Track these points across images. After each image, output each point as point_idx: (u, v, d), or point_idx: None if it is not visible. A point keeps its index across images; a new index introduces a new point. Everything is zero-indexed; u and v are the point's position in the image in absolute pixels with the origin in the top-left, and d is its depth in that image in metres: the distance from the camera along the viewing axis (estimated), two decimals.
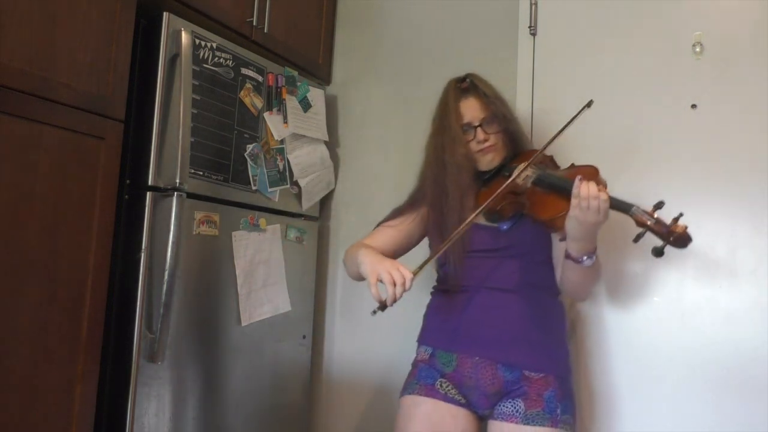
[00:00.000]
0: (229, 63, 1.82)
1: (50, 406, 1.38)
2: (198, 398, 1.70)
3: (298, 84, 2.08)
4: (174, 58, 1.63)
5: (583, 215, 1.26)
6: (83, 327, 1.44)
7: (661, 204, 1.26)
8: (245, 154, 1.87)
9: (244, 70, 1.88)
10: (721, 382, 1.57)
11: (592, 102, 1.42)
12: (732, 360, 1.56)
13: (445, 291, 1.55)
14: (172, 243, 1.55)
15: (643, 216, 1.25)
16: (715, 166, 1.64)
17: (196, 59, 1.71)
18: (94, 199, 1.47)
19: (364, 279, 1.36)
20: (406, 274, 1.27)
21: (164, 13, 1.62)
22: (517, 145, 1.58)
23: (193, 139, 1.68)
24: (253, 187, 1.89)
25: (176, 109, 1.61)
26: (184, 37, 1.63)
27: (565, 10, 1.89)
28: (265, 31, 1.97)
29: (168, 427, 1.61)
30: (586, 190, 1.25)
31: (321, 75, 2.26)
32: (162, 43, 1.61)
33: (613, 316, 1.72)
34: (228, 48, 1.82)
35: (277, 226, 1.97)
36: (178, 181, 1.58)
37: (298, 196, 2.08)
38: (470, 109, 1.52)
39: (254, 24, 1.93)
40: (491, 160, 1.53)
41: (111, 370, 1.53)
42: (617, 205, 1.28)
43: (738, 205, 1.60)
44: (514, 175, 1.43)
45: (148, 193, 1.57)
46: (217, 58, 1.78)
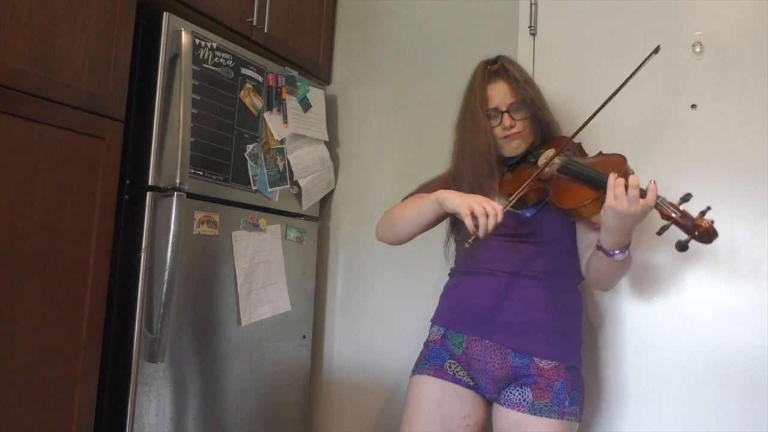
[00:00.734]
0: (229, 63, 1.82)
1: (50, 406, 1.37)
2: (198, 398, 1.70)
3: (298, 84, 2.08)
4: (174, 58, 1.63)
5: (619, 205, 1.21)
6: (83, 327, 1.44)
7: (689, 197, 1.20)
8: (245, 154, 1.87)
9: (244, 70, 1.88)
10: (722, 382, 1.56)
11: (659, 48, 1.37)
12: (732, 360, 1.56)
13: (464, 273, 1.53)
14: (172, 243, 1.55)
15: (669, 208, 1.21)
16: (714, 166, 1.64)
17: (196, 59, 1.71)
18: (94, 199, 1.47)
19: (417, 231, 1.45)
20: (497, 206, 1.26)
21: (164, 13, 1.62)
22: (546, 132, 1.52)
23: (193, 139, 1.68)
24: (253, 187, 1.89)
25: (176, 109, 1.62)
26: (184, 37, 1.63)
27: (565, 10, 1.89)
28: (265, 31, 1.98)
29: (168, 427, 1.61)
30: (618, 178, 1.22)
31: (321, 75, 2.27)
32: (162, 43, 1.61)
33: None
34: (228, 48, 1.82)
35: (277, 226, 1.97)
36: (178, 181, 1.58)
37: (298, 196, 2.08)
38: (499, 94, 1.47)
39: (254, 24, 1.93)
40: (516, 147, 1.49)
41: (111, 370, 1.53)
42: (642, 195, 1.23)
43: (738, 205, 1.60)
44: (542, 163, 1.38)
45: (148, 193, 1.57)
46: (217, 58, 1.78)
